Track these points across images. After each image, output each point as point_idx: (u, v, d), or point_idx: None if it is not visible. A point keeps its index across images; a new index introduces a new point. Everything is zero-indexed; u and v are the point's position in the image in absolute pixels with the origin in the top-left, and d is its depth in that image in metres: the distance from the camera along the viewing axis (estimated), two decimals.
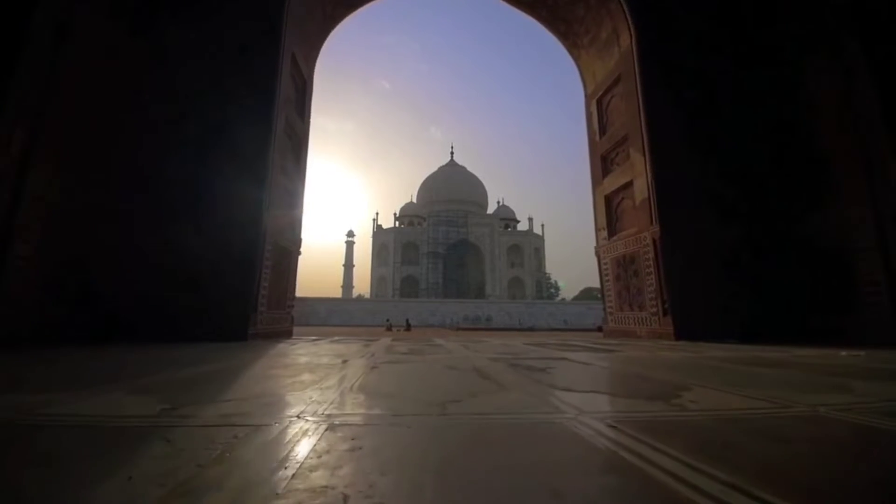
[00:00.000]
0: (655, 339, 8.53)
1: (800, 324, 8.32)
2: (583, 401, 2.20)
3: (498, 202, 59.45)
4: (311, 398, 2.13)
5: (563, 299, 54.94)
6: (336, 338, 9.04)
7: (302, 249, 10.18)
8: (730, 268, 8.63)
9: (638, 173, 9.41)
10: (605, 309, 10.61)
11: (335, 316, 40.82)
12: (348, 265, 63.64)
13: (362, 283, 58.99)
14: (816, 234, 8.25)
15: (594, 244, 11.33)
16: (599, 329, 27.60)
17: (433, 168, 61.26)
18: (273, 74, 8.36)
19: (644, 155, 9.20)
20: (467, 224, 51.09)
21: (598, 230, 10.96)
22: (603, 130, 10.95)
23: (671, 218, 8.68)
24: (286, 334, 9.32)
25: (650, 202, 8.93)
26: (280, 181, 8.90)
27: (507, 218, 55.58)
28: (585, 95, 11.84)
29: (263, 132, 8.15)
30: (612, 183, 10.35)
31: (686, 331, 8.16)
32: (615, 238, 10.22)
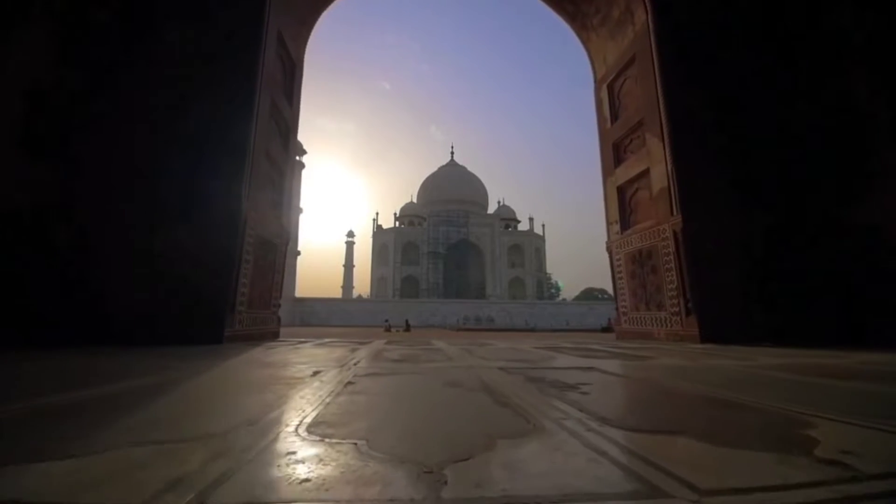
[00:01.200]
0: (677, 342, 7.62)
1: (835, 325, 7.42)
2: (672, 454, 1.29)
3: (498, 202, 58.61)
4: (220, 449, 1.23)
5: (564, 299, 54.00)
6: (326, 340, 8.13)
7: (302, 250, 9.65)
8: (760, 263, 7.71)
9: (655, 160, 8.51)
10: (617, 309, 9.69)
11: (335, 316, 39.93)
12: (348, 265, 62.67)
13: (362, 283, 58.10)
14: (863, 227, 7.34)
15: (605, 239, 10.43)
16: (604, 329, 26.76)
17: (433, 168, 60.46)
18: (255, 46, 7.46)
19: (662, 140, 8.29)
20: (468, 224, 50.16)
21: (609, 224, 10.06)
22: (615, 117, 10.06)
23: (694, 208, 7.77)
24: (271, 336, 8.41)
25: (670, 191, 8.02)
26: (263, 168, 8.00)
27: (507, 218, 54.64)
28: (595, 81, 10.94)
29: (243, 111, 7.25)
30: (626, 172, 9.45)
31: (712, 332, 7.25)
32: (629, 232, 9.31)
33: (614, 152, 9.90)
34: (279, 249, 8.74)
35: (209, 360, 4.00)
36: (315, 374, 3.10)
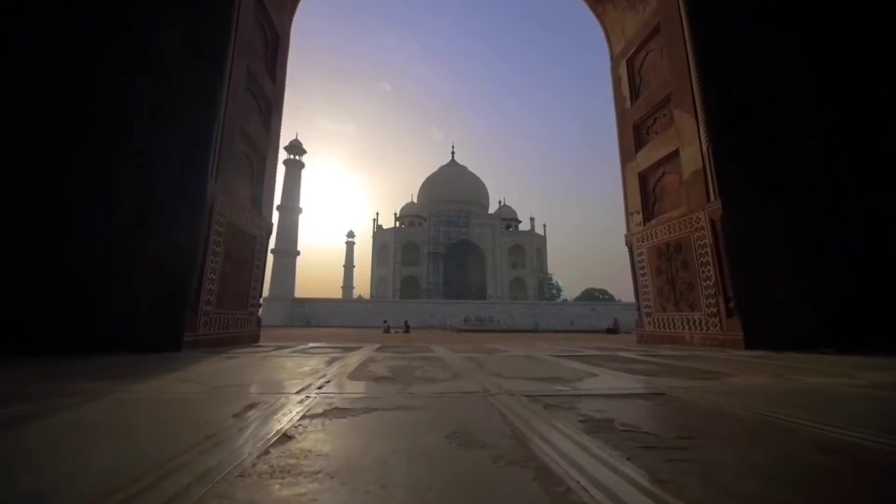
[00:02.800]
0: (716, 347, 6.44)
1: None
2: None
3: (499, 202, 57.26)
4: None
5: (565, 300, 52.71)
6: (310, 345, 6.95)
7: (301, 250, 8.23)
8: (819, 255, 6.52)
9: (687, 140, 7.34)
10: (639, 309, 8.50)
11: (335, 317, 38.81)
12: (348, 266, 61.53)
13: (363, 283, 56.88)
14: None
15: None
16: (609, 331, 25.53)
17: (434, 168, 59.22)
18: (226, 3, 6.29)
19: (695, 116, 7.13)
20: (468, 224, 48.92)
21: (629, 215, 8.88)
22: (635, 95, 8.89)
23: (736, 193, 6.60)
24: (249, 340, 7.23)
25: (706, 174, 6.85)
26: (237, 147, 6.84)
27: (508, 218, 53.39)
28: (611, 57, 9.79)
29: (210, 71, 6.09)
30: (650, 156, 8.28)
31: (759, 336, 6.08)
32: (653, 223, 8.13)
33: (635, 134, 8.73)
34: (259, 242, 7.57)
35: (103, 382, 2.82)
36: (244, 411, 1.92)
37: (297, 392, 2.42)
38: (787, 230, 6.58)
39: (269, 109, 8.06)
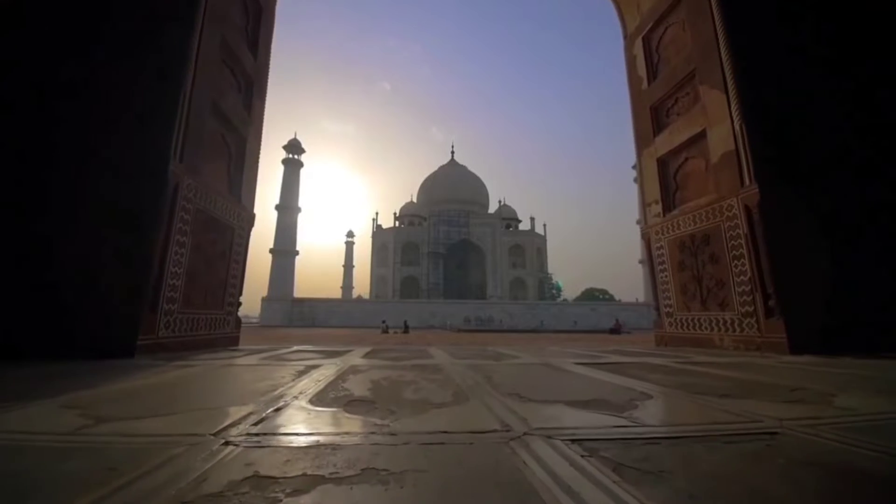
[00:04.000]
0: (752, 351, 5.57)
1: None
2: None
3: (499, 202, 56.27)
4: None
5: (565, 300, 51.77)
6: (294, 349, 6.07)
7: (301, 250, 7.53)
8: (867, 247, 5.64)
9: (715, 119, 6.47)
10: (658, 308, 7.62)
11: (334, 317, 37.90)
12: (348, 266, 60.58)
13: (362, 283, 55.94)
14: None
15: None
16: (612, 331, 24.63)
17: (434, 168, 58.29)
18: None
19: (726, 91, 6.26)
20: (468, 224, 47.98)
21: (646, 205, 8.00)
22: (653, 75, 8.03)
23: (774, 176, 5.74)
24: (226, 342, 6.35)
25: (740, 155, 5.98)
26: (210, 125, 5.97)
27: (508, 217, 52.44)
28: (625, 37, 8.92)
29: (175, 40, 5.22)
30: (670, 139, 7.41)
31: (805, 339, 5.22)
32: (675, 213, 7.26)
33: (653, 117, 7.86)
34: (238, 234, 6.69)
35: None
36: (82, 486, 1.04)
37: (219, 432, 1.55)
38: (832, 218, 5.71)
39: (251, 88, 7.19)
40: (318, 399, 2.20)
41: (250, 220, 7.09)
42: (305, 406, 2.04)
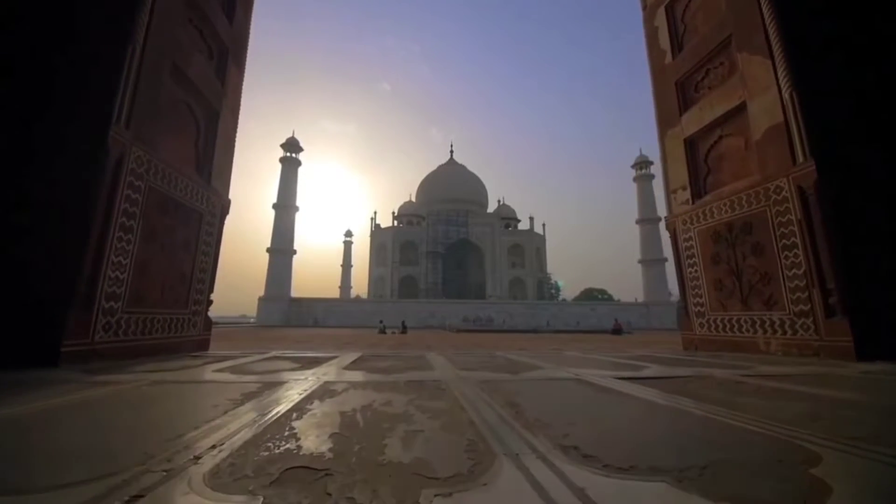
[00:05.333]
0: (807, 356, 4.62)
1: None
2: None
3: (498, 201, 55.11)
4: None
5: (564, 300, 50.79)
6: (272, 354, 5.09)
7: (300, 249, 6.90)
8: None
9: (757, 88, 5.53)
10: (686, 307, 6.65)
11: (332, 317, 36.90)
12: (346, 265, 59.37)
13: (361, 283, 54.84)
14: None
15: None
16: (615, 331, 23.63)
17: (432, 168, 57.16)
18: None
19: (770, 55, 5.32)
20: (467, 223, 46.90)
21: (670, 193, 7.04)
22: (677, 46, 7.08)
23: (834, 150, 4.80)
24: (191, 346, 5.36)
25: (790, 128, 5.03)
26: (170, 91, 4.99)
27: (507, 217, 51.35)
28: (643, 8, 7.98)
29: None
30: (701, 117, 6.45)
31: (877, 343, 4.28)
32: (708, 199, 6.30)
33: (679, 94, 6.91)
34: (206, 221, 5.69)
35: None
36: None
37: None
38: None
39: (225, 56, 6.21)
40: (234, 466, 1.22)
41: (224, 206, 6.10)
42: (197, 488, 1.06)
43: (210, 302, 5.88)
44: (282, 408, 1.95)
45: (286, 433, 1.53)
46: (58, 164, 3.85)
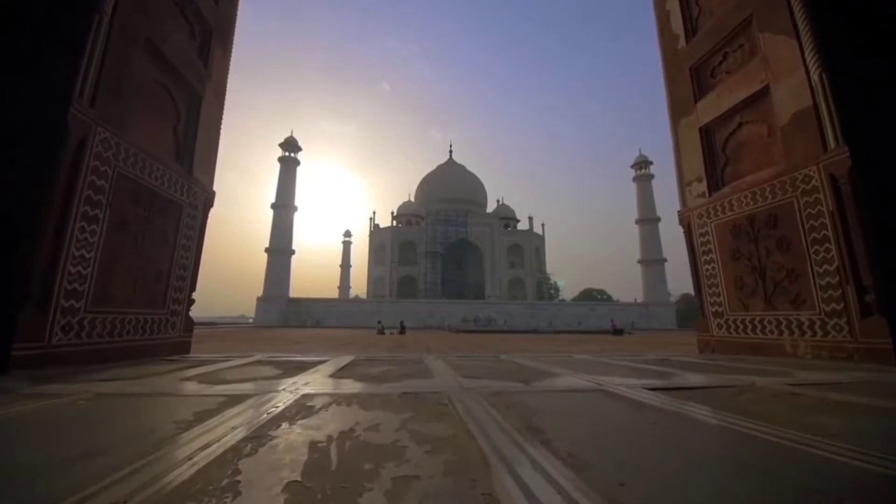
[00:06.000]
0: (840, 360, 4.18)
1: None
2: None
3: (498, 201, 54.62)
4: None
5: (563, 300, 50.36)
6: (256, 357, 4.64)
7: (299, 249, 6.66)
8: None
9: (782, 71, 5.10)
10: (702, 307, 6.20)
11: (331, 317, 36.43)
12: (345, 265, 58.78)
13: (360, 283, 54.26)
14: None
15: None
16: (616, 332, 23.15)
17: (432, 168, 56.64)
18: None
19: (796, 35, 4.89)
20: (466, 223, 46.42)
21: (684, 185, 6.59)
22: (692, 29, 6.64)
23: (870, 135, 4.36)
24: (170, 349, 4.89)
25: (819, 112, 4.60)
26: (145, 69, 4.53)
27: (506, 217, 50.86)
28: None
29: None
30: (718, 103, 6.01)
31: None
32: (726, 191, 5.86)
33: (694, 80, 6.47)
34: (187, 213, 5.22)
35: None
36: None
37: None
38: None
39: (208, 37, 5.74)
40: None
41: (207, 198, 5.63)
42: None
43: (192, 301, 5.42)
44: (235, 436, 1.49)
45: (223, 483, 1.07)
46: (9, 144, 3.39)
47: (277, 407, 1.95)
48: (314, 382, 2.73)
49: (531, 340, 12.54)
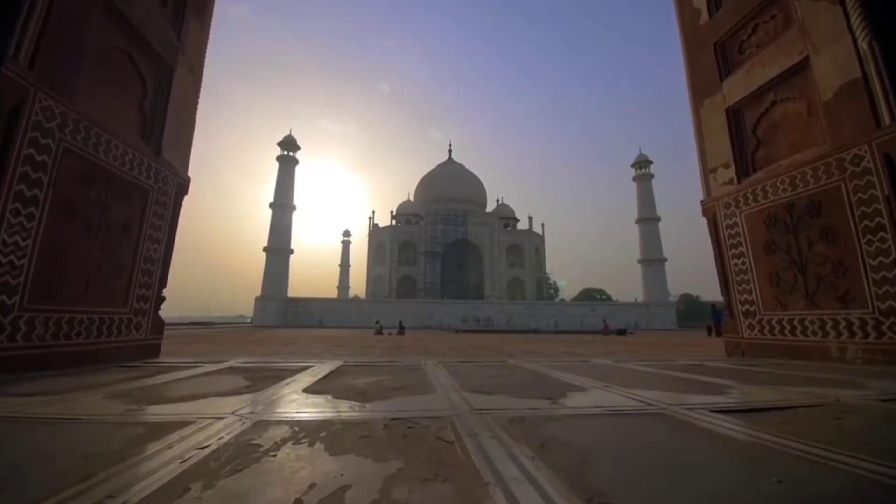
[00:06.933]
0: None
1: None
2: None
3: (497, 200, 53.94)
4: None
5: (563, 300, 49.73)
6: (229, 364, 4.02)
7: (298, 249, 6.47)
8: None
9: (824, 39, 4.49)
10: (731, 307, 5.58)
11: (329, 317, 35.78)
12: (344, 265, 58.02)
13: (359, 283, 53.57)
14: None
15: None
16: (619, 332, 22.51)
17: (431, 167, 55.96)
18: None
19: (840, 0, 4.29)
20: (466, 223, 45.75)
21: (708, 172, 5.98)
22: (715, 2, 6.03)
23: None
24: (134, 353, 4.26)
25: (870, 84, 4.01)
26: (101, 33, 3.90)
27: (506, 217, 50.17)
28: None
29: None
30: (748, 80, 5.40)
31: None
32: (759, 177, 5.24)
33: (719, 57, 5.86)
34: (156, 200, 4.59)
35: None
36: None
37: None
38: None
39: (182, 7, 5.11)
40: None
41: (180, 183, 5.00)
42: None
43: (162, 299, 4.78)
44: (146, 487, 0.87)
45: None
46: None
47: (206, 447, 1.32)
48: (280, 401, 2.11)
49: (533, 341, 11.92)
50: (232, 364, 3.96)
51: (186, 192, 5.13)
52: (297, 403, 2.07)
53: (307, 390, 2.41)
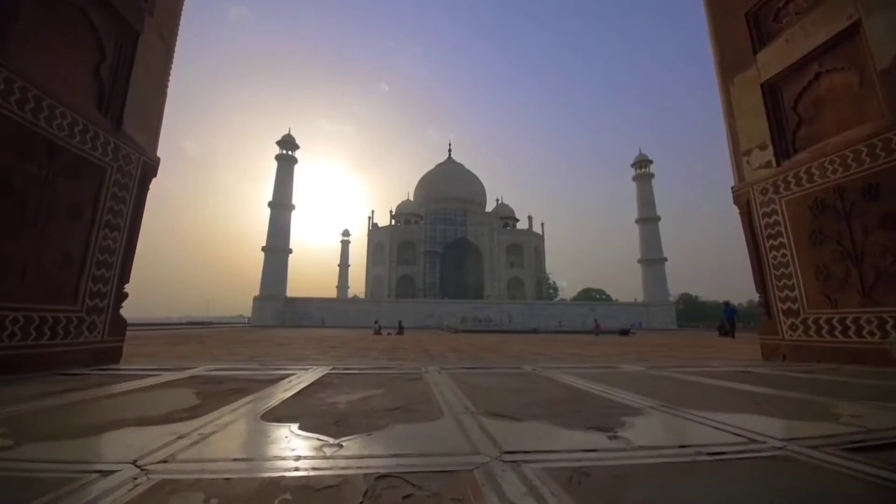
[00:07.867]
0: None
1: None
2: None
3: (497, 200, 53.22)
4: None
5: (563, 300, 49.08)
6: (199, 370, 3.38)
7: (297, 249, 6.17)
8: None
9: (874, 2, 3.87)
10: (767, 304, 4.93)
11: (329, 317, 35.09)
12: (343, 265, 57.23)
13: (359, 283, 52.79)
14: None
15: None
16: (623, 332, 21.90)
17: (430, 167, 55.24)
18: None
19: None
20: (465, 222, 45.04)
21: (741, 155, 5.33)
22: None
23: None
24: (87, 358, 3.59)
25: None
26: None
27: (506, 216, 49.44)
28: None
29: None
30: (787, 51, 4.77)
31: None
32: (802, 158, 4.60)
33: (752, 27, 5.23)
34: (114, 181, 3.92)
35: None
36: None
37: None
38: None
39: None
40: None
41: (146, 164, 4.33)
42: None
43: (124, 296, 4.11)
44: None
45: None
46: None
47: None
48: (219, 437, 1.45)
49: (536, 342, 11.28)
50: (197, 372, 3.30)
51: (155, 175, 4.47)
52: (240, 442, 1.42)
53: (267, 416, 1.75)
